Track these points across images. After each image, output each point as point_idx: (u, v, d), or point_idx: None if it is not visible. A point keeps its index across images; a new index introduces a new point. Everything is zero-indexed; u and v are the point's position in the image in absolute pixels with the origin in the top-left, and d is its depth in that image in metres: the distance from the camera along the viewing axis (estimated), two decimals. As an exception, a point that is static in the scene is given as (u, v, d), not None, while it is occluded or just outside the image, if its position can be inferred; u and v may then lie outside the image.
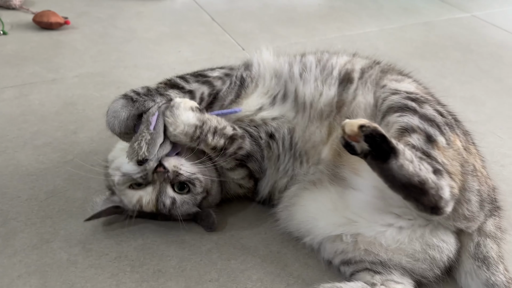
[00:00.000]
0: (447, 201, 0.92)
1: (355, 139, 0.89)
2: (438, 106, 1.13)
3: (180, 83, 1.20)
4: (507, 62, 2.31)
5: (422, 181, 0.89)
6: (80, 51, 2.12)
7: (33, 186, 1.35)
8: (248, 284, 1.10)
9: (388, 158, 0.89)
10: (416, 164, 0.90)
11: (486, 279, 1.01)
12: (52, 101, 1.74)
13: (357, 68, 1.26)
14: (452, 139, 1.02)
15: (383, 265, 1.03)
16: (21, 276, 1.09)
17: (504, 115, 1.86)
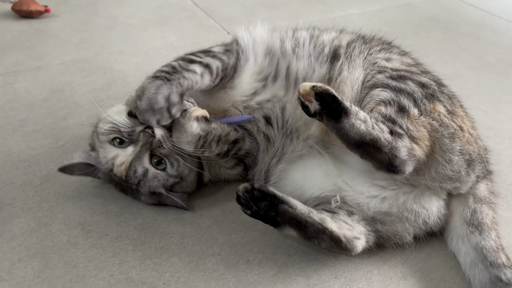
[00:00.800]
0: (403, 161, 0.97)
1: (308, 98, 0.97)
2: (422, 77, 1.15)
3: (195, 59, 1.18)
4: (485, 40, 2.37)
5: (374, 139, 0.95)
6: (62, 38, 2.08)
7: (27, 172, 1.33)
8: (250, 257, 1.12)
9: (340, 117, 0.96)
10: (369, 124, 0.97)
11: (476, 243, 1.06)
12: (38, 89, 1.71)
13: (344, 43, 1.28)
14: (429, 109, 1.05)
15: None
16: (21, 259, 1.09)
17: (486, 90, 1.91)
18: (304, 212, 1.01)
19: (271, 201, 1.00)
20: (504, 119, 1.73)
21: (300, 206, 1.03)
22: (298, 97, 0.98)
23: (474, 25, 2.55)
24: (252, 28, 1.33)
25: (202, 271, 1.08)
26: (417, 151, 0.99)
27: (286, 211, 1.00)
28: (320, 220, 1.00)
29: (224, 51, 1.25)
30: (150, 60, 1.95)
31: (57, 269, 1.07)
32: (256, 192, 1.00)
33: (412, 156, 0.98)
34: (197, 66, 1.14)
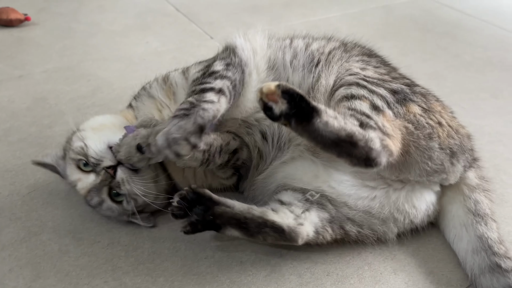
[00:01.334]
0: (379, 152, 0.93)
1: (273, 98, 0.89)
2: (393, 83, 1.14)
3: (206, 86, 1.08)
4: (462, 40, 2.44)
5: (349, 134, 0.91)
6: (44, 46, 2.06)
7: (13, 182, 1.32)
8: (243, 258, 1.13)
9: (311, 118, 0.90)
10: (340, 119, 0.93)
11: (482, 233, 1.09)
12: (22, 98, 1.69)
13: (326, 51, 1.28)
14: (402, 112, 1.05)
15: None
16: (12, 269, 1.08)
17: (464, 87, 1.97)
18: (243, 209, 1.03)
19: (207, 204, 1.01)
20: (483, 115, 1.78)
21: (238, 204, 1.05)
22: (260, 98, 0.90)
23: (450, 25, 2.62)
24: (251, 36, 1.29)
25: (196, 274, 1.08)
26: (391, 145, 0.97)
27: (224, 212, 1.01)
28: (260, 214, 1.03)
29: (226, 66, 1.18)
30: (134, 66, 1.95)
31: (49, 278, 1.06)
32: (191, 194, 1.01)
33: (385, 146, 0.95)
34: (212, 95, 1.05)
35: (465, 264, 1.11)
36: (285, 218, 1.05)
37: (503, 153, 1.56)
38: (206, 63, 1.26)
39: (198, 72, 1.20)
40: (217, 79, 1.11)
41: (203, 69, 1.20)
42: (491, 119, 1.75)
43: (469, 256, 1.10)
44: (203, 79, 1.13)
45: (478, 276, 1.06)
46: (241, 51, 1.22)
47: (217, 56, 1.27)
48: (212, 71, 1.15)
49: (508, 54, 2.29)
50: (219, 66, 1.17)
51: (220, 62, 1.19)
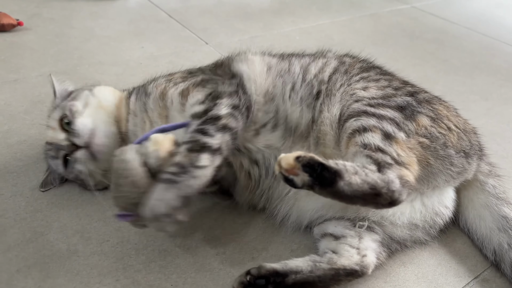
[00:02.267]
0: (400, 191, 0.95)
1: (293, 172, 0.89)
2: (398, 97, 1.15)
3: (207, 142, 1.02)
4: (449, 45, 2.52)
5: (373, 186, 0.92)
6: (38, 51, 2.04)
7: (16, 183, 1.29)
8: (254, 254, 1.13)
9: (335, 182, 0.90)
10: (361, 172, 0.93)
11: (507, 214, 1.14)
12: (19, 100, 1.67)
13: (326, 77, 1.25)
14: (413, 128, 1.07)
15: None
16: (20, 270, 1.05)
17: (455, 90, 2.03)
18: (311, 267, 1.00)
19: (276, 280, 0.96)
20: (475, 116, 1.81)
21: (303, 264, 1.01)
22: (279, 171, 0.90)
23: (437, 32, 2.71)
24: (250, 62, 1.27)
25: (209, 271, 1.08)
26: (408, 176, 0.99)
27: (295, 280, 0.98)
28: (328, 264, 1.00)
29: (232, 110, 1.11)
30: (131, 70, 1.94)
31: (59, 278, 1.04)
32: (259, 281, 0.96)
33: (405, 182, 0.97)
34: (207, 157, 0.99)
35: (489, 241, 1.14)
36: (350, 257, 1.03)
37: (497, 151, 1.61)
38: (209, 88, 1.19)
39: (199, 105, 1.12)
40: (219, 131, 1.05)
41: (204, 100, 1.14)
42: (483, 120, 1.81)
43: (494, 234, 1.13)
44: (205, 124, 1.06)
45: (507, 250, 1.10)
46: (248, 84, 1.20)
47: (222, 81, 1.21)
48: (216, 115, 1.08)
49: (494, 59, 2.38)
50: (224, 109, 1.10)
51: (227, 102, 1.12)
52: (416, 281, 1.09)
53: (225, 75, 1.25)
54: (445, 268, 1.14)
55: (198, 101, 1.14)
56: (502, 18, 3.04)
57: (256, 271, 0.97)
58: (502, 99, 1.99)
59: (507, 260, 1.09)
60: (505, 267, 1.10)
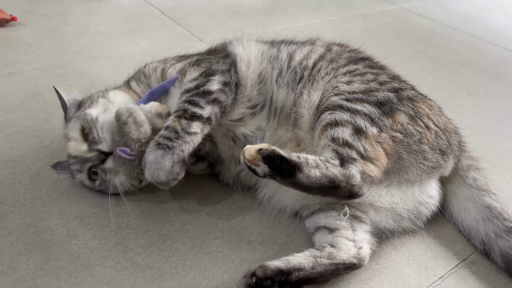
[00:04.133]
0: (360, 186, 1.00)
1: (255, 163, 0.96)
2: (380, 92, 1.18)
3: (197, 112, 1.11)
4: (436, 44, 2.59)
5: (331, 179, 0.98)
6: (33, 46, 2.05)
7: (14, 171, 1.31)
8: (251, 238, 1.16)
9: (294, 174, 0.96)
10: (322, 166, 0.99)
11: (489, 204, 1.17)
12: (15, 93, 1.68)
13: (310, 64, 1.29)
14: (388, 124, 1.11)
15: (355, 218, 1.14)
16: (21, 253, 1.07)
17: (443, 87, 2.09)
18: (313, 264, 1.02)
19: (282, 279, 0.99)
20: (462, 111, 1.89)
21: (304, 260, 1.03)
22: (243, 161, 0.97)
23: (425, 31, 2.77)
24: (247, 45, 1.32)
25: (207, 254, 1.11)
26: (373, 171, 1.04)
27: (298, 278, 1.00)
28: (329, 260, 1.03)
29: (223, 86, 1.19)
30: (126, 64, 1.96)
31: (60, 260, 1.06)
32: (265, 282, 0.97)
33: (367, 177, 1.02)
34: (198, 125, 1.10)
35: (476, 231, 1.18)
36: (348, 251, 1.06)
37: (483, 143, 1.67)
38: (204, 67, 1.25)
39: (192, 82, 1.20)
40: (209, 104, 1.14)
41: (198, 77, 1.21)
42: (470, 114, 1.87)
43: (480, 224, 1.17)
44: (197, 96, 1.15)
45: (494, 239, 1.13)
46: (240, 65, 1.26)
47: (216, 60, 1.27)
48: (207, 90, 1.16)
49: (480, 58, 2.45)
50: (215, 85, 1.18)
51: (218, 79, 1.20)
52: (407, 263, 1.14)
53: (218, 56, 1.30)
54: (435, 251, 1.18)
55: (193, 78, 1.22)
56: (487, 20, 3.13)
57: (261, 273, 0.98)
58: (488, 95, 2.05)
59: (496, 249, 1.13)
60: (494, 256, 1.14)
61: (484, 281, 1.11)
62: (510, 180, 1.48)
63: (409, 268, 1.12)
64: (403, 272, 1.11)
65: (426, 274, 1.11)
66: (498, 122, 1.84)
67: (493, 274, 1.13)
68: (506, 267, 1.11)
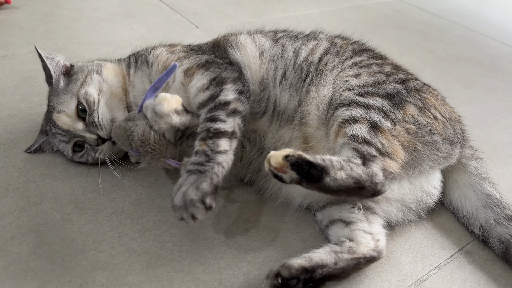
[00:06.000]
0: (383, 183, 0.99)
1: (282, 170, 0.91)
2: (388, 84, 1.17)
3: (220, 128, 1.05)
4: (434, 37, 2.58)
5: (357, 180, 0.96)
6: (27, 29, 2.02)
7: (7, 155, 1.29)
8: (247, 225, 1.16)
9: (322, 179, 0.93)
10: (346, 167, 0.96)
11: (489, 192, 1.19)
12: (8, 76, 1.65)
13: (316, 59, 1.26)
14: (400, 116, 1.10)
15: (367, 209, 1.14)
16: (14, 237, 1.05)
17: (440, 79, 2.08)
18: (335, 259, 1.02)
19: (306, 277, 0.98)
20: (459, 103, 1.88)
21: (326, 256, 1.02)
22: (268, 168, 0.92)
23: (423, 24, 2.77)
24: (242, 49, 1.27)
25: (203, 240, 1.10)
26: (392, 166, 1.03)
27: (322, 275, 1.00)
28: (349, 254, 1.03)
29: (239, 95, 1.14)
30: (122, 50, 1.93)
31: (54, 244, 1.04)
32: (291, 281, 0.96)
33: (388, 173, 1.01)
34: (226, 142, 1.04)
35: (475, 218, 1.19)
36: (367, 244, 1.06)
37: (480, 135, 1.67)
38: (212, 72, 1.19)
39: (204, 92, 1.14)
40: (230, 116, 1.08)
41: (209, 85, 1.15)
42: (467, 107, 1.87)
43: (480, 211, 1.18)
44: (215, 110, 1.09)
45: (494, 225, 1.14)
46: (246, 71, 1.22)
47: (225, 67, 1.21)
48: (224, 101, 1.11)
49: (477, 52, 2.45)
50: (231, 95, 1.13)
51: (232, 87, 1.15)
52: (403, 252, 1.13)
53: (224, 60, 1.25)
54: (431, 241, 1.18)
55: (203, 86, 1.14)
56: (485, 14, 3.13)
57: (287, 273, 0.96)
58: (485, 88, 2.05)
59: (494, 235, 1.14)
60: (493, 242, 1.14)
61: (480, 270, 1.11)
62: (506, 172, 1.48)
63: (405, 257, 1.12)
64: (399, 261, 1.11)
65: (422, 263, 1.11)
66: (495, 115, 1.84)
67: (488, 264, 1.13)
68: (504, 253, 1.12)
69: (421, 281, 1.06)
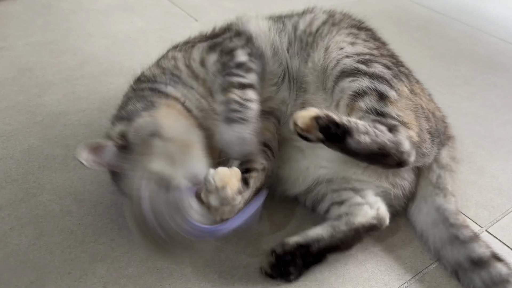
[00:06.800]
0: (409, 153, 0.97)
1: (309, 130, 0.91)
2: (384, 59, 1.15)
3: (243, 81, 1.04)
4: (435, 33, 2.57)
5: (381, 146, 0.94)
6: (25, 21, 2.00)
7: (6, 146, 1.28)
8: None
9: (344, 139, 0.92)
10: (371, 132, 0.94)
11: (439, 205, 1.12)
12: (6, 68, 1.64)
13: (314, 29, 1.25)
14: (400, 89, 1.08)
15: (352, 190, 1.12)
16: (13, 228, 1.05)
17: (440, 75, 2.08)
18: (331, 232, 1.02)
19: (302, 252, 0.99)
20: (459, 99, 1.89)
21: (322, 231, 1.02)
22: (294, 128, 0.92)
23: (422, 20, 2.76)
24: (254, 21, 1.26)
25: (203, 232, 1.09)
26: (414, 136, 1.00)
27: (319, 248, 1.00)
28: (347, 226, 1.03)
29: (249, 56, 1.12)
30: (120, 43, 1.92)
31: (54, 236, 1.04)
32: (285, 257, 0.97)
33: (413, 143, 0.99)
34: (251, 92, 1.04)
35: (426, 238, 1.12)
36: (365, 214, 1.05)
37: (479, 131, 1.67)
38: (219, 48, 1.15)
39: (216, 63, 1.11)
40: (248, 72, 1.08)
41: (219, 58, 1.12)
42: (466, 103, 1.87)
43: (429, 229, 1.11)
44: (233, 69, 1.07)
45: (440, 249, 1.07)
46: (256, 40, 1.20)
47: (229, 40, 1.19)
48: (238, 62, 1.09)
49: (477, 48, 2.44)
50: (242, 57, 1.11)
51: (242, 52, 1.13)
52: (403, 246, 1.13)
53: (228, 33, 1.23)
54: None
55: (215, 60, 1.12)
56: (485, 10, 3.12)
57: (281, 250, 0.98)
58: (484, 84, 2.05)
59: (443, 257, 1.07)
60: (445, 264, 1.07)
61: (480, 265, 1.11)
62: (505, 168, 1.49)
63: (405, 250, 1.12)
64: (400, 254, 1.11)
65: (422, 257, 1.11)
66: (494, 111, 1.84)
67: (488, 259, 1.13)
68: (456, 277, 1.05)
69: (421, 274, 1.06)
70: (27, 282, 0.93)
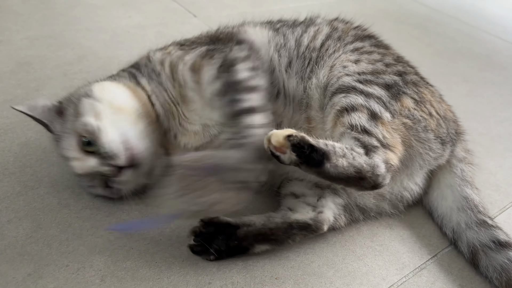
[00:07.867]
0: (384, 176, 0.95)
1: (281, 150, 0.87)
2: (386, 74, 1.14)
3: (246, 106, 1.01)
4: (433, 31, 2.58)
5: (358, 169, 0.91)
6: (23, 15, 1.99)
7: (3, 139, 1.27)
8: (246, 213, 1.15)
9: (322, 164, 0.89)
10: (348, 155, 0.92)
11: (468, 194, 1.16)
12: (4, 61, 1.63)
13: (318, 44, 1.24)
14: (398, 108, 1.07)
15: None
16: (11, 220, 1.04)
17: (438, 72, 2.08)
18: (264, 221, 1.04)
19: (226, 230, 0.99)
20: (457, 96, 1.89)
21: (256, 218, 1.05)
22: (267, 146, 0.88)
23: (421, 18, 2.77)
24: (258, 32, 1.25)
25: (201, 226, 1.09)
26: (393, 159, 0.99)
27: (247, 232, 1.00)
28: (282, 219, 1.04)
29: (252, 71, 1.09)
30: (118, 37, 1.92)
31: (51, 229, 1.03)
32: (208, 228, 0.98)
33: (390, 166, 0.98)
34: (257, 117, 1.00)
35: (447, 220, 1.16)
36: (305, 212, 1.06)
37: (477, 128, 1.68)
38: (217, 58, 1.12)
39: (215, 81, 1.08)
40: (250, 93, 1.03)
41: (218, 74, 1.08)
42: (464, 100, 1.87)
43: (454, 213, 1.15)
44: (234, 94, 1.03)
45: (464, 229, 1.11)
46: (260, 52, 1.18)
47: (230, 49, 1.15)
48: (239, 80, 1.06)
49: (475, 46, 2.45)
50: (243, 74, 1.07)
51: (243, 66, 1.09)
52: (401, 241, 1.14)
53: (229, 44, 1.19)
54: (429, 230, 1.19)
55: (213, 77, 1.09)
56: (482, 9, 3.13)
57: (208, 219, 1.00)
58: (482, 82, 2.06)
59: (463, 239, 1.11)
60: (461, 245, 1.11)
61: (477, 260, 1.11)
62: (503, 165, 1.49)
63: (403, 246, 1.12)
64: (398, 250, 1.11)
65: (420, 252, 1.11)
66: (492, 108, 1.84)
67: (485, 254, 1.13)
68: (471, 258, 1.09)
69: (419, 269, 1.07)
70: (25, 275, 0.93)
